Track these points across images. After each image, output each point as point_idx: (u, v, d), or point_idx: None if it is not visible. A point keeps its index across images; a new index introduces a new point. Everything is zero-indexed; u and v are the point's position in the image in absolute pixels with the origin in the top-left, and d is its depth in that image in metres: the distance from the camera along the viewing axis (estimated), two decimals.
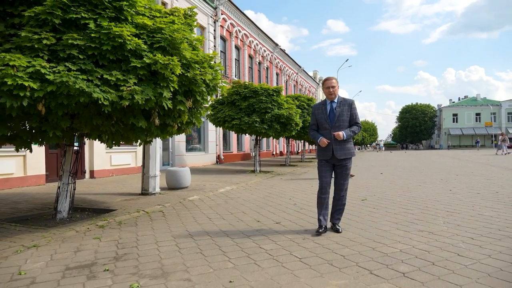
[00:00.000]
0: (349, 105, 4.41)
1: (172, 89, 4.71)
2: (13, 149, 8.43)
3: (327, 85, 4.42)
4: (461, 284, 2.76)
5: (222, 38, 21.31)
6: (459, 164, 17.95)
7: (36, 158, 9.18)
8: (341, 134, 4.27)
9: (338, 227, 4.48)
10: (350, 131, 4.35)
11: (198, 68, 5.18)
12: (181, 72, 4.83)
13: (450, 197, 7.02)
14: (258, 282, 2.88)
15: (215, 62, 5.74)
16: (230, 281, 2.90)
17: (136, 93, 4.27)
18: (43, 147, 8.47)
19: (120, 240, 4.25)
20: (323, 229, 4.36)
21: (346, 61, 39.12)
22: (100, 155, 11.52)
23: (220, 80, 5.76)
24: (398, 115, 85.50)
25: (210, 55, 5.51)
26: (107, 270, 3.23)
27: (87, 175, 11.17)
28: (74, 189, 5.66)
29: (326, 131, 4.38)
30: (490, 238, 3.98)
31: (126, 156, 12.73)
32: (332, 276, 2.99)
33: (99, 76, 4.25)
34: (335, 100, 4.43)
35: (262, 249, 3.76)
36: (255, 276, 3.01)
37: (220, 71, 5.69)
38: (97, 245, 4.06)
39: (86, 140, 5.21)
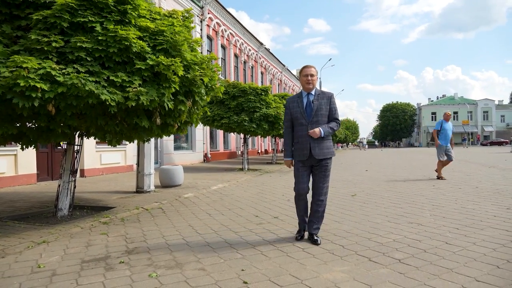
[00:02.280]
0: (328, 98, 3.93)
1: (173, 90, 4.90)
2: (4, 148, 8.45)
3: (306, 72, 3.92)
4: (451, 267, 3.07)
5: (209, 37, 21.43)
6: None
7: (27, 157, 9.17)
8: (318, 131, 3.76)
9: (316, 237, 3.91)
10: (328, 127, 3.85)
11: (198, 69, 5.38)
12: (182, 73, 5.02)
13: (434, 192, 7.42)
14: (268, 270, 3.13)
15: (212, 63, 5.94)
16: (242, 270, 3.14)
17: (141, 94, 4.45)
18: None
19: (127, 235, 4.42)
20: (300, 235, 4.03)
21: (329, 60, 39.74)
22: (90, 154, 11.54)
23: (217, 81, 5.97)
24: (379, 114, 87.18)
25: (209, 57, 5.71)
26: (123, 262, 3.42)
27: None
28: (75, 187, 5.79)
29: (303, 127, 3.88)
30: (474, 228, 4.34)
31: (116, 155, 12.76)
32: (335, 263, 3.26)
33: (105, 78, 4.41)
34: (312, 93, 3.93)
35: (266, 241, 4.01)
36: (265, 265, 3.25)
37: (218, 72, 5.89)
38: (106, 240, 4.22)
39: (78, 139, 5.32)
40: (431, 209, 5.62)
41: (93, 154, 11.68)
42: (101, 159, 12.02)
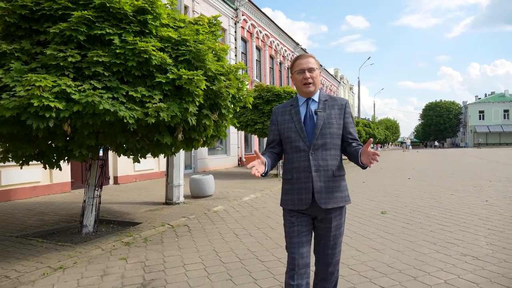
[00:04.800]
0: (341, 107, 2.40)
1: (197, 104, 4.57)
2: None
3: (300, 65, 2.36)
4: None
5: (243, 39, 21.16)
6: (490, 167, 17.23)
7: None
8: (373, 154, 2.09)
9: None
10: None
11: (224, 80, 5.03)
12: (207, 85, 4.69)
13: (487, 209, 6.64)
14: None
15: (241, 72, 5.57)
16: None
17: (161, 110, 4.15)
18: None
19: (147, 262, 4.13)
20: None
21: (368, 58, 38.40)
22: (124, 161, 11.53)
23: (245, 91, 5.58)
24: (421, 112, 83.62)
25: (236, 66, 5.34)
26: None
27: (111, 181, 11.22)
28: (100, 203, 5.62)
29: (301, 155, 2.32)
30: None
31: (149, 162, 12.72)
32: None
33: (124, 93, 4.15)
34: (315, 98, 2.41)
35: None
36: None
37: (246, 82, 5.51)
38: (123, 267, 3.95)
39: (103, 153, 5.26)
40: (486, 234, 4.93)
41: (126, 161, 11.65)
42: (134, 166, 12.01)
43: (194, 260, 4.16)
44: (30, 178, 8.59)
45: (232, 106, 5.30)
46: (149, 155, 5.35)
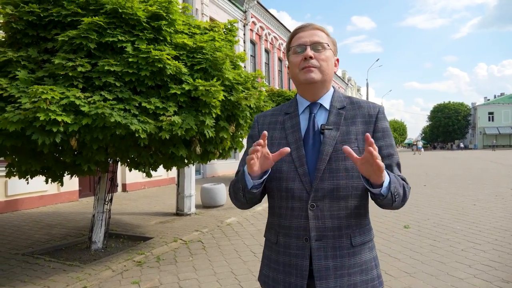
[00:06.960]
0: (367, 119, 1.38)
1: (214, 115, 4.28)
2: None
3: (301, 39, 1.38)
4: None
5: (252, 42, 20.88)
6: (505, 172, 16.75)
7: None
8: (379, 164, 1.10)
9: None
10: (401, 180, 1.35)
11: (242, 90, 4.74)
12: (224, 95, 4.40)
13: None
14: None
15: (258, 81, 5.27)
16: None
17: (176, 124, 3.85)
18: None
19: (161, 287, 3.84)
20: None
21: (377, 60, 37.85)
22: None
23: (263, 100, 5.28)
24: (429, 114, 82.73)
25: (254, 75, 5.04)
26: None
27: (119, 188, 10.98)
28: (109, 217, 5.34)
29: (296, 206, 1.32)
30: None
31: (159, 168, 12.46)
32: None
33: (136, 105, 3.87)
34: (325, 102, 1.41)
35: None
36: None
37: (264, 89, 5.21)
38: None
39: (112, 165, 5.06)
40: None
41: None
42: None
43: (212, 286, 3.85)
44: (37, 187, 8.33)
45: (250, 116, 4.99)
46: None
